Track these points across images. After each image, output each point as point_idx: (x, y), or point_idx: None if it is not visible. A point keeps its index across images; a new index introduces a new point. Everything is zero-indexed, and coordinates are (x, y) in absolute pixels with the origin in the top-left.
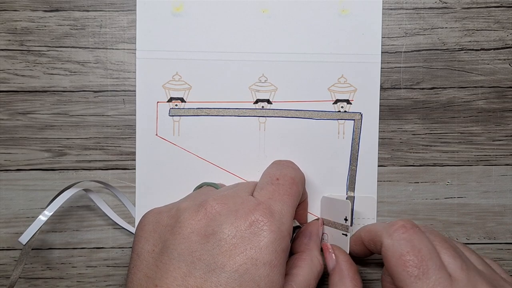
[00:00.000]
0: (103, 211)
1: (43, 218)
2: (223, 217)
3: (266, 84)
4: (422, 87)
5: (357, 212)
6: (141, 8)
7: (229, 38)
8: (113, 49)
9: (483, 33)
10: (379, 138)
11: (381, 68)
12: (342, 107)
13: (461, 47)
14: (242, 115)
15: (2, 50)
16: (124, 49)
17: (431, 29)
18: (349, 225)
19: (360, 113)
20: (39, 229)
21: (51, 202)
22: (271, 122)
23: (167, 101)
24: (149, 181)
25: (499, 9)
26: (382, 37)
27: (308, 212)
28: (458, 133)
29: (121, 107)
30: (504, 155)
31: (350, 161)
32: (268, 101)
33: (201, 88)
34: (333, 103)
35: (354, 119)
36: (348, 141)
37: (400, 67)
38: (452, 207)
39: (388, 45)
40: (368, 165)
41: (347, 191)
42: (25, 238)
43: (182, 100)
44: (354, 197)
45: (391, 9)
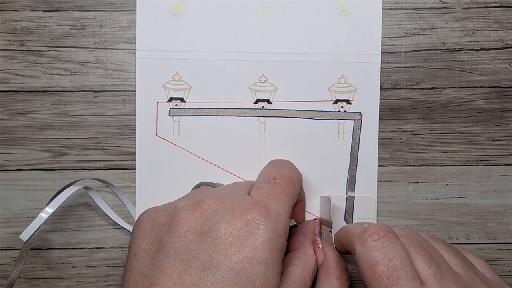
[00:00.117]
0: (103, 211)
1: (44, 216)
2: (219, 215)
3: (266, 84)
4: (422, 87)
5: (357, 212)
6: (141, 8)
7: (229, 38)
8: (113, 49)
9: (483, 33)
10: (379, 138)
11: (381, 68)
12: (342, 107)
13: (461, 47)
14: (242, 115)
15: (2, 50)
16: (124, 49)
17: (431, 29)
18: (331, 221)
19: (360, 113)
20: (40, 226)
21: (52, 199)
22: (271, 122)
23: (167, 101)
24: (149, 181)
25: (499, 9)
26: (382, 37)
27: (307, 212)
28: (458, 133)
29: (121, 107)
30: (504, 155)
31: (350, 161)
32: (268, 101)
33: (201, 88)
34: (333, 103)
35: (354, 119)
36: (348, 141)
37: (400, 67)
38: (452, 207)
39: (388, 45)
40: (368, 165)
41: (347, 191)
42: (26, 235)
43: (182, 100)
44: (354, 197)
45: (391, 9)
